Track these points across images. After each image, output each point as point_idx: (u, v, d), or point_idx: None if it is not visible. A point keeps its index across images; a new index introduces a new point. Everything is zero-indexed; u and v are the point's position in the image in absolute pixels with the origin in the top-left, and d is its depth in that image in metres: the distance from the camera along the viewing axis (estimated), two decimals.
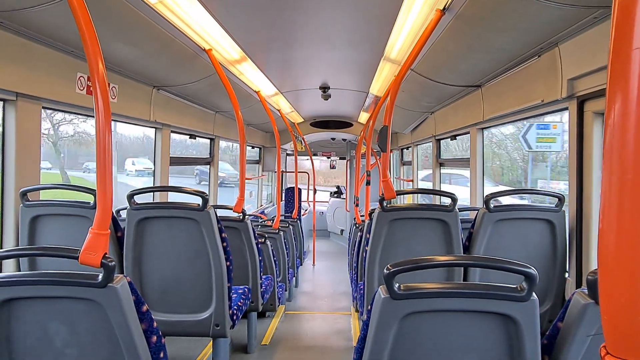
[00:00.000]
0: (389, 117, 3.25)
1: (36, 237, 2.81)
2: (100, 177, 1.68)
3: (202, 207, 2.79)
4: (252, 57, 4.14)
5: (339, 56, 4.40)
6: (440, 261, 1.53)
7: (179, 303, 2.93)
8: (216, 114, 6.07)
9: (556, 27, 2.53)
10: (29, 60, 2.70)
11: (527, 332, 1.42)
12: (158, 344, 1.74)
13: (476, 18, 2.60)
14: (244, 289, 3.59)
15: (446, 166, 6.34)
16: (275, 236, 5.52)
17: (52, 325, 1.62)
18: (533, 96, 3.17)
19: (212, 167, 6.40)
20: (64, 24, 2.52)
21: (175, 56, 3.52)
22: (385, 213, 2.96)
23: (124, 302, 1.57)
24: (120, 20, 2.67)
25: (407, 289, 1.43)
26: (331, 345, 4.71)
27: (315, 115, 9.05)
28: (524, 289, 1.40)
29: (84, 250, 1.59)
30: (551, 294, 3.04)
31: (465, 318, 1.46)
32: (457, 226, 2.94)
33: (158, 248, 2.88)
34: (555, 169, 7.55)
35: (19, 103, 2.70)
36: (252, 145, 9.15)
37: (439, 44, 3.10)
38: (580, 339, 1.40)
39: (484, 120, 4.21)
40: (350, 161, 12.04)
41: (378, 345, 1.47)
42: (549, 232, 3.00)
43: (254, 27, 3.40)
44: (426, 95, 4.94)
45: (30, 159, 2.83)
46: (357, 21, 3.31)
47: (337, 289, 7.54)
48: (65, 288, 1.55)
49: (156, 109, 4.30)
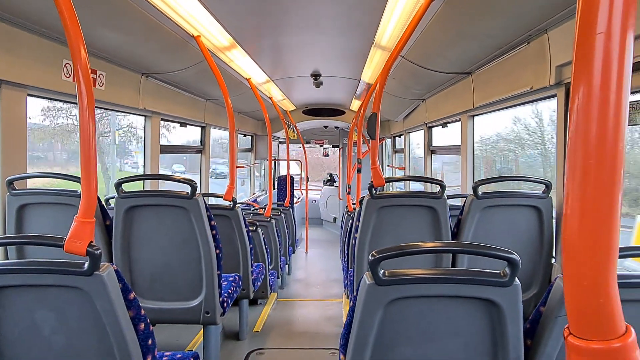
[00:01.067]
0: (378, 104, 3.24)
1: (24, 226, 2.80)
2: (85, 164, 1.67)
3: (190, 195, 2.78)
4: (242, 44, 4.10)
5: (330, 43, 4.37)
6: (425, 247, 1.54)
7: (169, 291, 2.94)
8: (207, 102, 6.02)
9: (545, 13, 2.52)
10: (13, 47, 2.66)
11: (509, 316, 1.44)
12: (146, 331, 1.75)
13: (465, 4, 2.59)
14: (235, 277, 3.60)
15: (437, 153, 6.36)
16: (267, 224, 5.53)
17: (40, 314, 1.62)
18: (522, 83, 3.17)
19: (203, 155, 6.37)
20: (49, 10, 2.48)
21: (164, 43, 3.47)
22: (374, 200, 2.97)
23: (111, 290, 1.57)
24: (107, 6, 2.63)
25: (391, 275, 1.44)
26: (322, 331, 4.76)
27: (307, 102, 9.00)
28: (506, 275, 1.41)
29: (69, 239, 1.59)
30: (538, 280, 3.08)
31: (449, 303, 1.48)
32: (446, 213, 2.96)
33: (147, 236, 2.88)
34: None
35: (3, 90, 2.67)
36: (243, 134, 9.10)
37: (428, 30, 3.09)
38: (561, 323, 1.43)
39: (474, 108, 4.22)
40: (342, 149, 12.04)
41: (363, 330, 1.49)
42: (536, 218, 3.03)
43: (243, 13, 3.36)
44: (417, 82, 4.93)
45: (16, 147, 2.80)
46: (348, 7, 3.29)
47: (329, 276, 7.58)
48: (52, 276, 1.55)
49: (145, 97, 4.26)
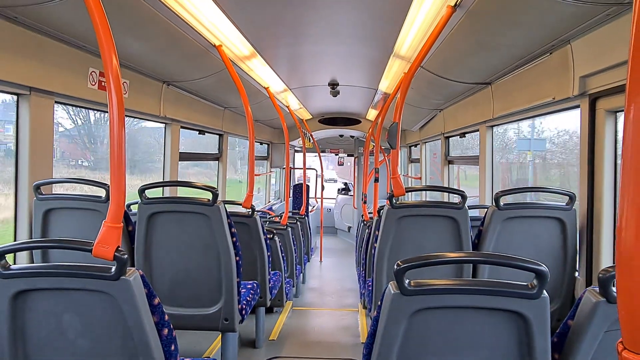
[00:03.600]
0: (399, 114, 3.24)
1: (49, 230, 2.85)
2: (114, 171, 1.70)
3: (212, 202, 2.81)
4: (262, 53, 4.14)
5: (348, 52, 4.39)
6: (451, 258, 1.53)
7: (188, 297, 2.96)
8: (225, 110, 6.09)
9: (568, 24, 2.50)
10: (42, 55, 2.73)
11: (537, 329, 1.42)
12: (169, 337, 1.76)
13: (487, 15, 2.58)
14: (253, 284, 3.61)
15: (455, 163, 6.32)
16: (283, 232, 5.54)
17: (66, 317, 1.64)
18: (544, 94, 3.15)
19: (220, 162, 6.43)
20: (77, 19, 2.55)
21: (186, 52, 3.53)
22: (395, 210, 2.96)
23: (137, 295, 1.59)
24: (132, 16, 2.69)
25: (417, 285, 1.43)
26: (339, 341, 4.73)
27: (323, 111, 9.04)
28: (534, 287, 1.39)
29: (98, 243, 1.61)
30: (561, 293, 3.02)
31: (475, 315, 1.46)
32: (467, 223, 2.93)
33: (168, 242, 2.91)
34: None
35: (32, 97, 2.74)
36: (260, 142, 9.16)
37: (449, 40, 3.09)
38: (591, 337, 1.40)
39: (493, 118, 4.18)
40: (358, 158, 12.03)
41: (388, 341, 1.47)
42: (559, 230, 2.98)
43: (264, 23, 3.40)
44: (435, 92, 4.92)
45: (43, 152, 2.86)
46: (367, 17, 3.31)
47: (344, 286, 7.55)
48: (78, 280, 1.58)
49: (166, 105, 4.32)
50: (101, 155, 6.83)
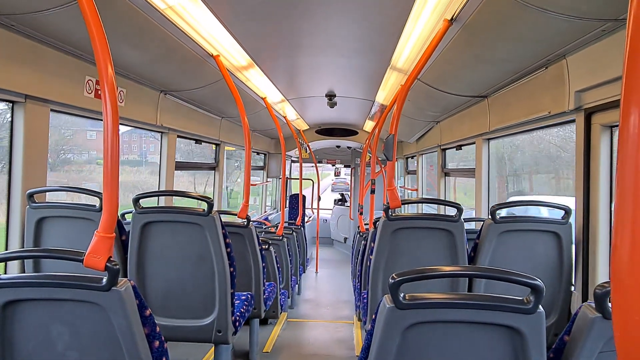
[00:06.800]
0: (396, 126, 3.25)
1: (41, 239, 2.82)
2: (107, 180, 1.69)
3: (207, 212, 2.79)
4: (259, 64, 4.16)
5: (346, 64, 4.41)
6: (447, 271, 1.52)
7: (181, 308, 2.92)
8: (222, 120, 6.09)
9: (564, 39, 2.52)
10: (38, 62, 2.72)
11: (533, 345, 1.40)
12: (160, 349, 1.73)
13: (484, 29, 2.60)
14: (247, 295, 3.57)
15: (451, 175, 6.33)
16: (279, 243, 5.51)
17: (55, 328, 1.61)
18: (540, 108, 3.16)
19: (217, 172, 6.41)
20: (74, 28, 2.55)
21: (183, 61, 3.54)
22: (390, 222, 2.95)
23: (128, 306, 1.56)
24: (130, 25, 2.69)
25: (412, 298, 1.42)
26: (333, 353, 4.68)
27: (320, 122, 9.07)
28: (530, 302, 1.38)
29: (89, 253, 1.59)
30: (557, 307, 3.01)
31: (470, 329, 1.44)
32: (463, 236, 2.92)
33: (162, 252, 2.88)
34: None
35: (27, 105, 2.72)
36: (257, 152, 9.16)
37: (446, 54, 3.11)
38: (587, 353, 1.38)
39: (489, 131, 4.20)
40: (354, 169, 12.04)
41: (382, 355, 1.45)
42: (555, 244, 2.98)
43: (261, 34, 3.42)
44: (432, 104, 4.94)
45: (37, 160, 2.84)
46: (365, 30, 3.32)
47: (339, 297, 7.50)
48: (69, 290, 1.55)
49: (163, 114, 4.32)
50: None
